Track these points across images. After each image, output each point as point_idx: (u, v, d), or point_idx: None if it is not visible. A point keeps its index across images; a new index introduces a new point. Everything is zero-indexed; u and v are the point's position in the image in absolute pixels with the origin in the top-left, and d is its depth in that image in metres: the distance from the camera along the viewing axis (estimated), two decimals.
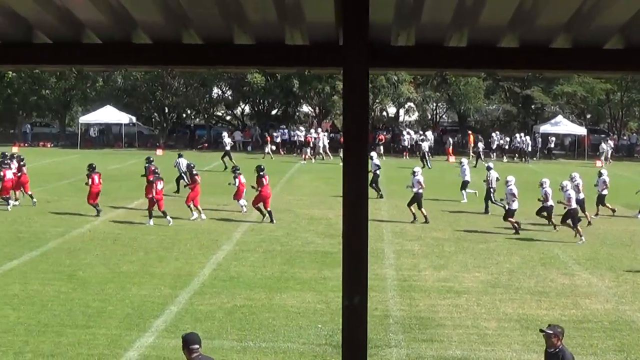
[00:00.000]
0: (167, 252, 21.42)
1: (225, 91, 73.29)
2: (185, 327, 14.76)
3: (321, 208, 29.78)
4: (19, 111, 73.23)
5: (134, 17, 3.91)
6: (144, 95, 68.19)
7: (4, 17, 3.91)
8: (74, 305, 16.17)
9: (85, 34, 4.12)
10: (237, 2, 3.70)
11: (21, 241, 22.46)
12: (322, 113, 72.02)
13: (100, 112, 64.13)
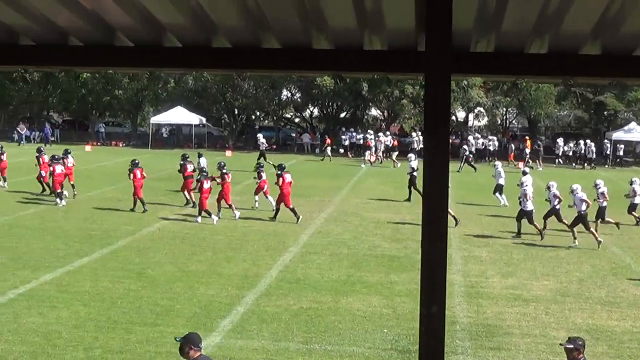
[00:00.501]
0: (235, 253, 21.55)
1: (295, 93, 73.55)
2: (252, 328, 14.86)
3: (388, 212, 29.68)
4: (93, 111, 74.59)
5: (215, 21, 3.92)
6: (214, 97, 68.82)
7: (87, 20, 3.96)
8: (143, 303, 16.35)
9: (167, 37, 4.15)
10: (317, 8, 3.69)
11: (92, 238, 22.82)
12: (391, 116, 71.86)
13: (171, 112, 64.95)
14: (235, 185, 29.14)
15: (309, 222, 26.94)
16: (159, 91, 70.72)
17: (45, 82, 71.11)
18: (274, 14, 3.81)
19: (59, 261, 19.78)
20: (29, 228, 24.30)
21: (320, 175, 44.14)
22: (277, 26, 3.95)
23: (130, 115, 74.64)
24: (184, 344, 9.01)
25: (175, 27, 4.02)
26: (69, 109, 77.80)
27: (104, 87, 68.88)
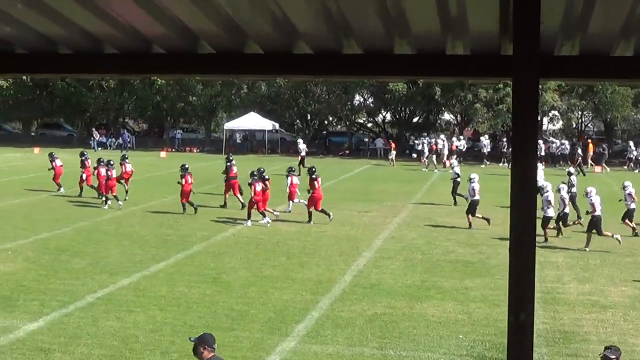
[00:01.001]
0: (309, 258, 21.61)
1: (367, 98, 73.52)
2: (326, 333, 14.86)
3: (462, 217, 29.38)
4: (167, 117, 75.67)
5: (297, 28, 3.93)
6: (287, 103, 69.24)
7: (171, 27, 4.01)
8: (218, 307, 16.48)
9: (248, 44, 4.17)
10: (401, 13, 3.67)
11: (168, 244, 23.12)
12: (464, 121, 71.34)
13: (244, 118, 65.51)
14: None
15: (383, 227, 26.87)
16: (232, 97, 71.38)
17: (120, 90, 72.43)
18: (357, 20, 3.79)
19: (135, 266, 20.07)
20: (106, 233, 24.74)
21: (393, 180, 44.03)
22: (360, 32, 3.93)
23: (204, 122, 75.50)
24: (197, 344, 9.08)
25: (257, 34, 4.03)
26: (144, 116, 79.12)
27: (179, 94, 69.83)
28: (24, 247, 22.21)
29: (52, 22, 4.02)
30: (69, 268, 19.71)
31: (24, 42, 4.39)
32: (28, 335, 14.36)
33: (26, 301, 16.56)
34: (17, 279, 18.43)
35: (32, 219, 27.39)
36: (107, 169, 31.09)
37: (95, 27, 4.06)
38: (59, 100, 73.61)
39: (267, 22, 3.86)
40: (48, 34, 4.21)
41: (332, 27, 3.89)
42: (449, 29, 3.82)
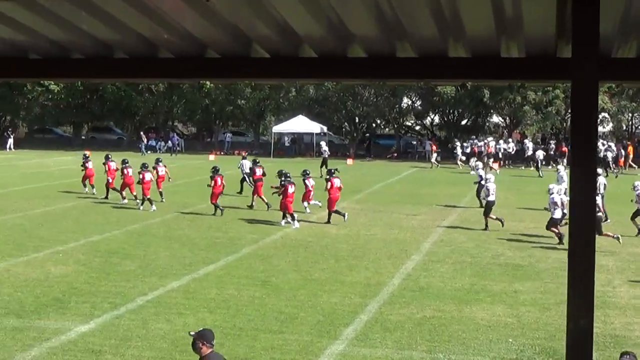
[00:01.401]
0: (358, 261, 21.57)
1: (415, 101, 73.30)
2: (375, 336, 14.81)
3: (511, 220, 29.16)
4: (216, 120, 76.15)
5: (351, 31, 3.91)
6: (335, 105, 69.28)
7: (225, 31, 4.02)
8: (267, 310, 16.50)
9: (302, 48, 4.17)
10: (456, 16, 3.64)
11: (217, 246, 23.23)
12: (513, 123, 70.80)
13: (292, 121, 65.71)
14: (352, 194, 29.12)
15: (431, 230, 26.74)
16: (280, 100, 71.63)
17: (170, 93, 73.05)
18: (411, 23, 3.77)
19: (185, 269, 20.20)
20: (156, 236, 24.94)
21: (442, 183, 43.83)
22: (414, 35, 3.90)
23: (253, 125, 75.84)
24: (196, 339, 9.10)
25: (311, 38, 4.02)
26: (193, 119, 79.69)
27: (227, 97, 70.25)
28: (75, 249, 22.49)
29: (109, 27, 4.06)
30: (119, 270, 19.89)
31: (80, 47, 4.44)
32: (79, 336, 14.50)
33: (77, 303, 16.75)
34: (69, 281, 18.65)
35: (83, 221, 27.72)
36: (155, 172, 31.97)
37: (151, 32, 4.08)
38: (109, 104, 74.53)
39: (322, 25, 3.84)
40: (104, 39, 4.25)
41: (387, 31, 3.87)
42: (504, 31, 3.79)
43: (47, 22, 4.10)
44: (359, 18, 3.76)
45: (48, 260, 20.82)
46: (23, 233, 25.15)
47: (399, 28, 3.83)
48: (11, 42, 4.49)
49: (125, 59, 4.45)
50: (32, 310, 16.15)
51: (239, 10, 3.72)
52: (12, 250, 22.20)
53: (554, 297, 17.85)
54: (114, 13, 3.87)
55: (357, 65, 4.21)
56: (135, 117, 78.17)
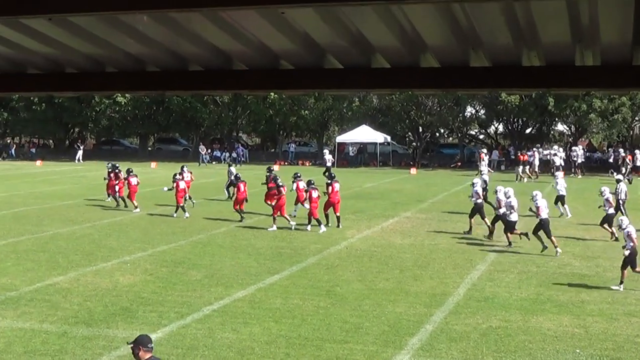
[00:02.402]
0: (422, 271, 21.49)
1: (479, 110, 72.82)
2: (441, 346, 14.75)
3: (578, 229, 28.81)
4: (280, 131, 76.62)
5: (425, 42, 3.94)
6: (399, 115, 69.16)
7: (300, 43, 4.07)
8: (332, 320, 16.53)
9: (375, 58, 4.21)
10: (531, 24, 3.64)
11: (282, 256, 23.35)
12: (578, 131, 69.90)
13: (356, 131, 65.81)
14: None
15: (496, 240, 26.51)
16: (344, 110, 71.78)
17: (234, 104, 73.75)
18: (487, 32, 3.77)
19: (251, 278, 20.34)
20: (222, 246, 25.16)
21: None
22: (489, 44, 3.90)
23: (316, 135, 76.11)
24: (134, 347, 9.22)
25: (385, 48, 4.06)
26: (257, 130, 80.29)
27: (291, 108, 70.67)
28: (142, 259, 22.82)
29: (185, 40, 4.14)
30: (185, 280, 20.12)
31: (156, 60, 4.54)
32: None
33: (145, 312, 16.98)
34: (136, 290, 18.93)
35: (150, 232, 28.11)
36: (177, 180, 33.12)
37: (226, 44, 4.16)
38: (174, 116, 75.52)
39: (395, 36, 3.86)
40: (180, 52, 4.35)
41: (461, 41, 3.88)
42: (580, 39, 3.76)
43: (123, 36, 4.21)
44: (434, 28, 3.77)
45: (116, 270, 21.17)
46: (92, 243, 25.62)
47: (474, 37, 3.83)
48: (88, 55, 4.63)
49: (199, 71, 4.54)
50: (101, 319, 16.43)
51: (313, 21, 3.76)
52: (81, 259, 22.62)
53: (622, 308, 17.59)
54: (190, 26, 3.94)
55: (429, 76, 4.22)
56: (200, 129, 79.05)
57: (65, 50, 4.55)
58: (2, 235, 27.03)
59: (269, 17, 3.73)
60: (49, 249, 24.46)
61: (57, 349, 14.40)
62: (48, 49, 4.56)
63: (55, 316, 16.58)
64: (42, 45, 4.47)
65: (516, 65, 4.12)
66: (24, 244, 25.46)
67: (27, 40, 4.41)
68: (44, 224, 29.89)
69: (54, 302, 17.79)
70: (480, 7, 3.52)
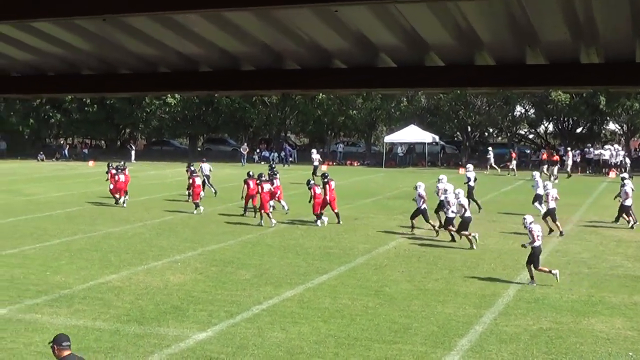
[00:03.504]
0: (471, 271, 21.36)
1: (529, 109, 72.19)
2: (491, 348, 14.65)
3: (631, 230, 28.43)
4: (328, 131, 76.74)
5: (481, 39, 3.91)
6: (447, 115, 68.83)
7: (353, 41, 4.08)
8: (381, 320, 16.50)
9: (429, 56, 4.20)
10: (590, 21, 3.60)
11: (330, 256, 23.36)
12: (630, 130, 68.97)
13: (404, 131, 65.60)
14: None
15: (547, 241, 26.20)
16: (392, 110, 71.65)
17: (283, 105, 74.01)
18: (544, 29, 3.73)
19: (299, 278, 20.39)
20: (270, 246, 25.26)
21: None
22: (546, 42, 3.86)
23: (364, 135, 76.08)
24: (52, 346, 9.46)
25: (439, 46, 4.04)
26: (305, 130, 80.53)
27: (339, 108, 70.73)
28: (192, 258, 23.00)
29: (236, 40, 4.17)
30: (234, 280, 20.23)
31: (209, 61, 4.58)
32: (197, 344, 14.81)
33: (195, 311, 17.11)
34: (187, 289, 19.08)
35: (200, 231, 28.31)
36: (194, 176, 34.23)
37: (277, 43, 4.18)
38: (223, 116, 76.02)
39: (451, 33, 3.84)
40: (232, 52, 4.37)
41: (518, 37, 3.85)
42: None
43: (177, 36, 4.25)
44: (490, 25, 3.74)
45: (167, 269, 21.36)
46: (143, 242, 25.89)
47: (530, 34, 3.79)
48: (141, 56, 4.69)
49: (251, 71, 4.57)
50: (153, 317, 16.59)
51: (367, 19, 3.75)
52: (132, 258, 22.88)
53: None
54: (242, 25, 3.96)
55: (485, 74, 4.18)
56: (249, 129, 79.47)
57: (118, 51, 4.60)
58: (56, 234, 27.45)
59: (322, 15, 3.74)
60: (102, 247, 24.79)
61: (110, 346, 14.58)
62: (102, 50, 4.62)
63: (108, 314, 16.78)
64: (96, 46, 4.53)
65: (575, 63, 4.06)
66: (77, 243, 25.82)
67: (81, 41, 4.47)
68: (97, 223, 30.29)
69: (107, 300, 18.02)
70: (538, 2, 3.49)
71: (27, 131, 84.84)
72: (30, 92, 5.60)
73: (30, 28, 4.24)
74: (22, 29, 4.27)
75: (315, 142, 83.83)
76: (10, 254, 23.73)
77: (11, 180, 40.42)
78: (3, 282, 19.75)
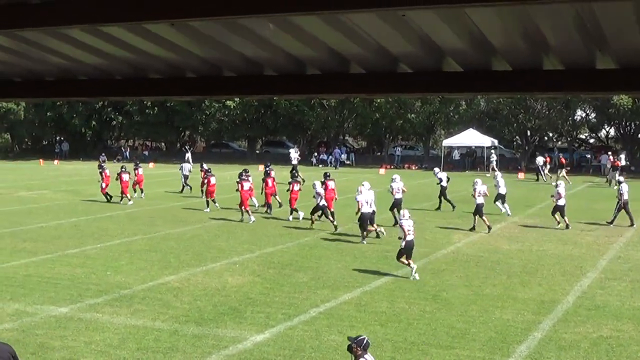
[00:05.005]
0: (530, 277, 21.13)
1: (589, 113, 71.23)
2: (549, 355, 14.47)
3: None
4: (386, 134, 76.67)
5: (549, 43, 3.87)
6: (506, 119, 68.27)
7: (420, 45, 4.07)
8: (438, 325, 16.40)
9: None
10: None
11: (388, 260, 23.25)
12: None
13: (462, 135, 65.24)
14: None
15: (607, 247, 25.90)
16: (450, 114, 71.31)
17: (341, 108, 74.12)
18: (615, 33, 3.68)
19: (356, 281, 20.37)
20: (328, 249, 25.29)
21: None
22: (616, 45, 3.81)
23: (422, 138, 75.82)
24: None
25: (507, 51, 4.01)
26: (363, 133, 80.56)
27: (397, 111, 70.60)
28: (250, 260, 23.13)
29: (303, 44, 4.18)
30: (292, 282, 20.30)
31: (273, 64, 4.61)
32: (255, 346, 14.87)
33: (253, 313, 17.19)
34: (245, 291, 19.19)
35: (257, 233, 28.46)
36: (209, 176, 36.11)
37: (344, 47, 4.18)
38: (282, 119, 76.38)
39: (519, 37, 3.81)
40: (298, 56, 4.39)
41: (588, 41, 3.80)
42: None
43: (243, 40, 4.27)
44: (559, 28, 3.70)
45: (225, 271, 21.52)
46: (202, 244, 26.12)
47: (602, 39, 3.74)
48: (207, 59, 4.74)
49: (316, 75, 4.58)
50: (211, 318, 16.72)
51: (434, 23, 3.73)
52: (191, 260, 23.09)
53: None
54: (309, 29, 3.98)
55: (554, 78, 4.14)
56: (307, 132, 79.73)
57: (185, 55, 4.66)
58: (117, 235, 27.85)
59: (389, 19, 3.74)
60: (161, 248, 25.07)
61: (169, 346, 14.72)
62: (169, 54, 4.68)
63: (167, 314, 16.96)
64: (163, 50, 4.59)
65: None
66: (137, 243, 26.16)
67: (149, 46, 4.54)
68: (156, 225, 30.66)
69: (166, 300, 18.21)
70: (609, 6, 3.44)
71: (89, 133, 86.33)
72: (97, 95, 5.69)
73: (99, 32, 4.32)
74: (91, 33, 4.35)
75: (373, 145, 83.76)
76: (72, 253, 24.14)
77: (74, 181, 41.17)
78: (65, 281, 20.09)
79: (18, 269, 21.63)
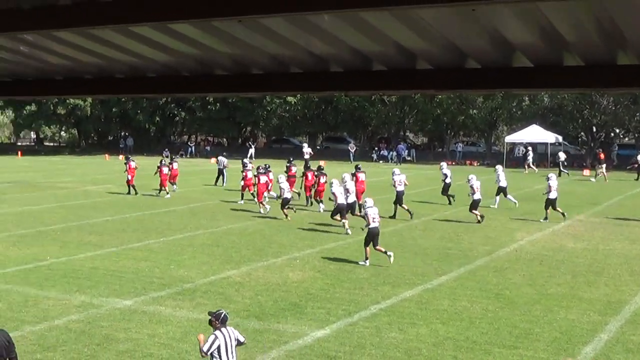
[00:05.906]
0: (596, 277, 20.76)
1: None
2: (616, 357, 14.18)
3: None
4: (447, 130, 76.24)
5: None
6: (571, 114, 67.31)
7: (488, 40, 4.00)
8: (501, 324, 16.21)
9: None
10: None
11: (449, 257, 23.12)
12: None
13: (526, 131, 64.48)
14: None
15: None
16: (513, 110, 70.57)
17: (402, 104, 73.87)
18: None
19: (418, 279, 20.26)
20: (388, 245, 25.06)
21: None
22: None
23: (484, 135, 75.19)
24: None
25: (578, 45, 3.93)
26: (424, 129, 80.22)
27: (459, 107, 70.11)
28: (311, 256, 23.15)
29: (370, 40, 4.14)
30: (352, 278, 20.26)
31: (340, 60, 4.57)
32: (315, 342, 14.87)
33: (313, 309, 17.20)
34: (305, 287, 19.21)
35: (318, 229, 28.48)
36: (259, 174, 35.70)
37: (412, 43, 4.13)
38: (342, 115, 76.39)
39: (594, 31, 3.72)
40: (365, 52, 4.35)
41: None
42: None
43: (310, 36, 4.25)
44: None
45: (286, 266, 21.57)
46: (263, 239, 26.23)
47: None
48: (274, 56, 4.73)
49: (382, 71, 4.53)
50: (272, 313, 16.77)
51: (504, 18, 3.66)
52: (253, 255, 23.20)
53: None
54: (377, 25, 3.93)
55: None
56: (368, 128, 79.63)
57: (251, 52, 4.65)
58: (180, 229, 28.12)
59: (458, 14, 3.68)
60: (223, 243, 25.23)
61: None
62: (236, 50, 4.67)
63: (228, 309, 16.97)
64: (229, 47, 4.59)
65: None
66: (199, 238, 26.38)
67: (216, 42, 4.54)
68: (218, 219, 30.88)
69: (227, 295, 18.33)
70: None
71: (153, 129, 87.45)
72: (165, 92, 5.73)
73: (167, 29, 4.33)
74: (160, 30, 4.37)
75: (435, 141, 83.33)
76: (137, 247, 24.44)
77: (138, 176, 41.61)
78: (129, 275, 20.34)
79: (84, 262, 21.97)
